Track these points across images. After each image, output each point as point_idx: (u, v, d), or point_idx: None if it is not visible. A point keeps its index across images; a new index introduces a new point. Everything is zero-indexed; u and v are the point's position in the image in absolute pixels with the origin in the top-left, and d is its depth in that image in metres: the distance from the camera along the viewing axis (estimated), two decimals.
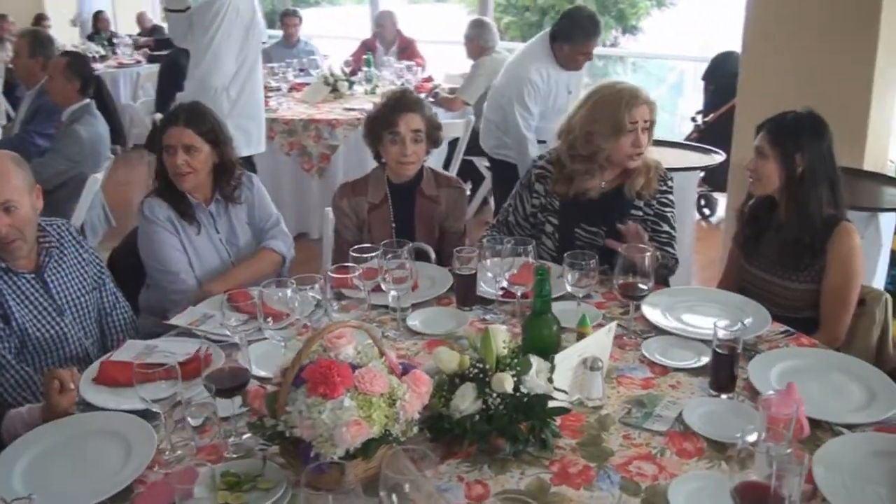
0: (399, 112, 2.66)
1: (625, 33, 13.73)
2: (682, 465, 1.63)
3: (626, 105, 2.53)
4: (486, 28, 5.27)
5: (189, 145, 2.50)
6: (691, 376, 1.96)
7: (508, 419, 1.61)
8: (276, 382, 1.57)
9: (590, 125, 2.56)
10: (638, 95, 2.56)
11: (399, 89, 2.79)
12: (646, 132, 2.56)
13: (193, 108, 2.58)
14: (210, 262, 2.60)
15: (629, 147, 2.54)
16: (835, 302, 2.30)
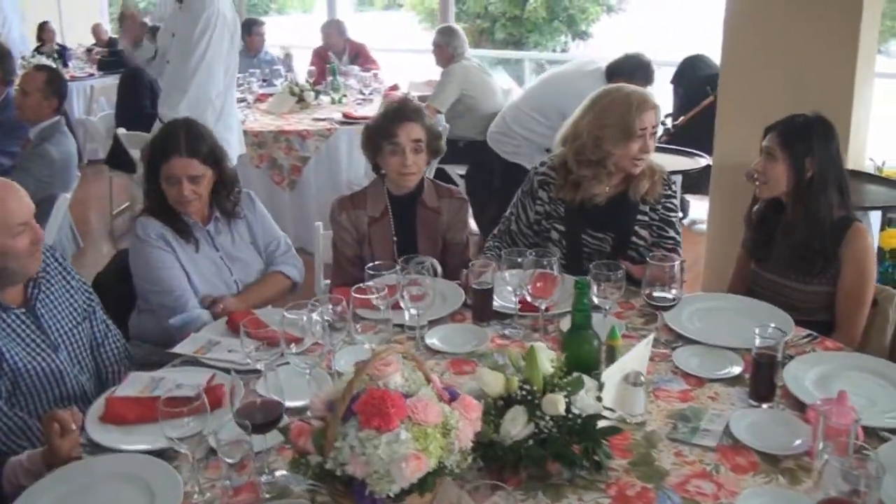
0: (399, 122, 2.57)
1: (574, 39, 13.85)
2: (739, 482, 1.58)
3: (637, 109, 2.49)
4: (455, 35, 5.20)
5: (193, 175, 2.38)
6: (727, 386, 1.92)
7: (563, 442, 1.54)
8: (317, 416, 1.46)
9: (599, 130, 2.50)
10: (647, 100, 2.53)
11: (399, 98, 2.69)
12: (652, 137, 2.52)
13: (191, 132, 2.44)
14: (212, 280, 2.47)
15: (637, 152, 2.50)
16: (851, 303, 2.29)
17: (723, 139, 3.97)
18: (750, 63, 3.80)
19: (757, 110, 3.76)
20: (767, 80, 3.75)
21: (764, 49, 3.76)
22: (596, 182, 2.57)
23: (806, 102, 2.98)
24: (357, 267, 2.68)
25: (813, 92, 3.58)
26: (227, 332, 2.21)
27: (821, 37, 3.57)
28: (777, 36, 3.69)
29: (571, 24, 13.37)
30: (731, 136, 3.92)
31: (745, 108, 3.81)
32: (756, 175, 2.39)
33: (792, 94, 3.65)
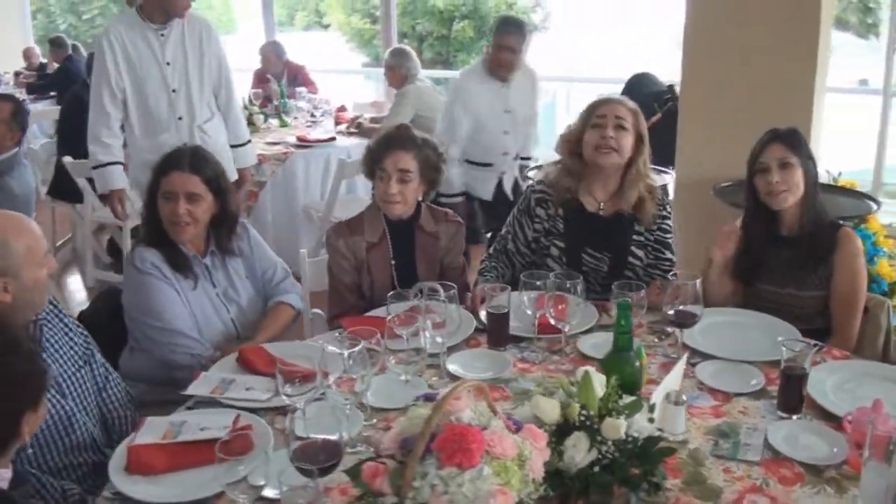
0: (388, 149, 2.55)
1: None
2: (789, 493, 1.61)
3: (599, 102, 2.60)
4: (407, 57, 5.20)
5: (192, 193, 2.29)
6: (753, 400, 1.96)
7: (627, 466, 1.54)
8: (387, 454, 1.42)
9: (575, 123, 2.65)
10: (612, 97, 2.63)
11: (395, 126, 2.66)
12: (619, 130, 2.54)
13: (198, 152, 2.37)
14: (210, 321, 2.38)
15: (598, 139, 2.54)
16: (846, 306, 2.38)
17: (685, 155, 4.09)
18: (710, 79, 3.93)
19: (719, 126, 3.90)
20: (728, 95, 3.87)
21: (724, 65, 3.90)
22: (583, 190, 2.62)
23: (768, 116, 3.09)
24: (355, 294, 2.64)
25: (774, 106, 3.73)
26: (237, 370, 2.13)
27: (780, 52, 3.73)
28: (736, 52, 3.84)
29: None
30: (693, 152, 4.04)
31: (707, 124, 3.94)
32: (773, 189, 2.40)
33: (753, 108, 3.79)
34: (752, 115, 3.71)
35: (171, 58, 3.60)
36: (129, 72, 3.55)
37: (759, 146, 2.46)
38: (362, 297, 2.64)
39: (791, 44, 3.72)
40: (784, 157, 2.39)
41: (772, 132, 2.47)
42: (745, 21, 3.79)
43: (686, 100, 4.09)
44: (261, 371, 2.09)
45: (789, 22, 3.70)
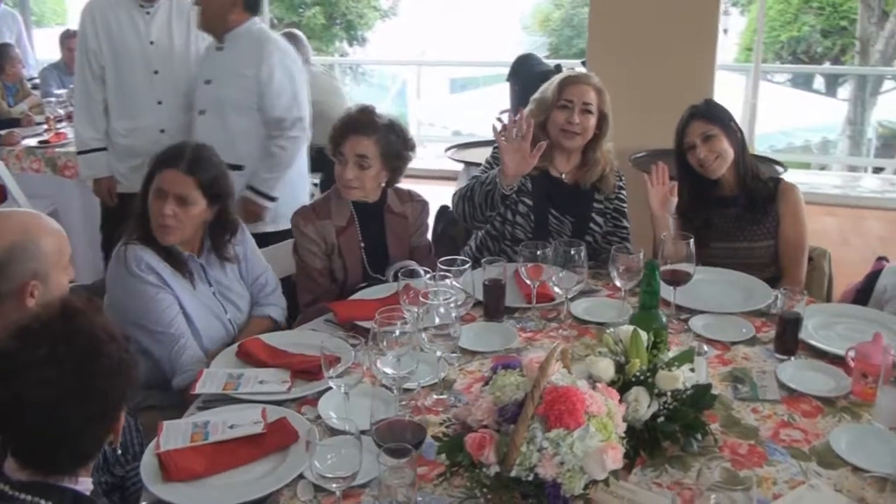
0: (347, 133, 2.49)
1: (352, 44, 13.94)
2: (815, 424, 1.75)
3: (568, 81, 2.67)
4: (299, 42, 5.03)
5: (183, 196, 2.12)
6: (749, 346, 2.10)
7: (688, 413, 1.61)
8: (482, 424, 1.41)
9: (539, 94, 2.73)
10: (577, 77, 2.70)
11: (359, 108, 2.57)
12: (584, 114, 2.63)
13: (200, 152, 2.18)
14: (208, 321, 2.23)
15: (563, 122, 2.62)
16: (794, 251, 2.59)
17: None
18: (615, 58, 4.10)
19: (626, 100, 4.07)
20: (634, 73, 4.07)
21: (628, 45, 4.09)
22: (543, 158, 2.63)
23: (672, 93, 3.30)
24: (327, 278, 2.56)
25: (678, 81, 3.97)
26: (239, 363, 2.02)
27: (681, 32, 3.97)
28: (640, 32, 4.04)
29: (350, 29, 13.43)
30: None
31: (614, 99, 4.11)
32: (711, 160, 2.56)
33: (658, 85, 4.02)
34: (656, 93, 3.95)
35: (155, 37, 3.36)
36: (109, 48, 3.33)
37: (682, 125, 2.62)
38: (334, 281, 2.57)
39: (691, 24, 3.97)
40: (706, 130, 2.56)
41: (690, 110, 2.64)
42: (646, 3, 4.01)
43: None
44: (266, 363, 2.00)
45: (688, 4, 3.94)
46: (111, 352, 1.30)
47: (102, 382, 1.28)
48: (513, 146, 2.45)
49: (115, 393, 1.31)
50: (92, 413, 1.28)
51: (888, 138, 10.21)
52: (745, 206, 2.62)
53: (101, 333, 1.30)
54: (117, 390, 1.31)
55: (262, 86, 3.12)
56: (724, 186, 2.65)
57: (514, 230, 2.70)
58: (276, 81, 3.14)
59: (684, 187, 2.68)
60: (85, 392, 1.26)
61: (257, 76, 3.11)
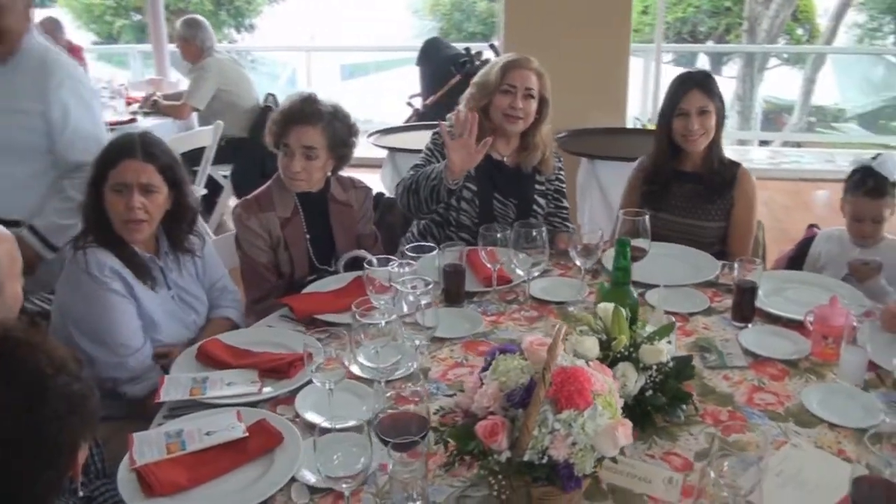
0: (293, 124, 2.40)
1: (241, 31, 13.55)
2: (785, 386, 1.82)
3: (510, 65, 2.64)
4: (202, 27, 4.85)
5: (148, 185, 1.98)
6: (706, 316, 2.16)
7: (674, 385, 1.64)
8: (487, 412, 1.38)
9: (480, 78, 2.70)
10: (519, 61, 2.66)
11: (301, 97, 2.46)
12: (527, 99, 2.63)
13: (149, 138, 2.04)
14: (170, 325, 2.10)
15: (507, 107, 2.62)
16: (744, 233, 2.67)
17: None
18: (533, 43, 4.13)
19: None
20: (549, 56, 4.10)
21: (544, 27, 4.13)
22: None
23: (588, 74, 3.37)
24: (274, 273, 2.47)
25: (594, 70, 4.05)
26: (201, 367, 1.92)
27: (596, 13, 4.05)
28: (555, 15, 4.09)
29: (237, 15, 13.03)
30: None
31: None
32: (690, 134, 2.58)
33: (574, 68, 4.08)
34: (576, 79, 4.01)
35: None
36: None
37: (681, 90, 2.60)
38: (280, 275, 2.48)
39: (605, 4, 4.05)
40: (704, 105, 2.56)
41: (688, 77, 2.63)
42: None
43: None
44: (229, 364, 1.91)
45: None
46: (59, 387, 1.12)
47: (53, 426, 1.11)
48: (458, 143, 2.42)
49: (70, 434, 1.15)
50: (44, 462, 1.12)
51: (772, 112, 10.81)
52: (703, 186, 2.66)
53: (46, 368, 1.12)
54: (72, 430, 1.15)
55: (52, 126, 2.49)
56: (688, 162, 2.69)
57: (458, 216, 2.68)
58: (73, 121, 2.51)
59: (656, 149, 2.72)
60: (33, 441, 1.10)
61: (45, 114, 2.48)
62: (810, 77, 10.62)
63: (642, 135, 4.29)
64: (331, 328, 1.76)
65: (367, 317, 1.70)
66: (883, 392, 1.76)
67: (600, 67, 4.17)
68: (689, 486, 1.48)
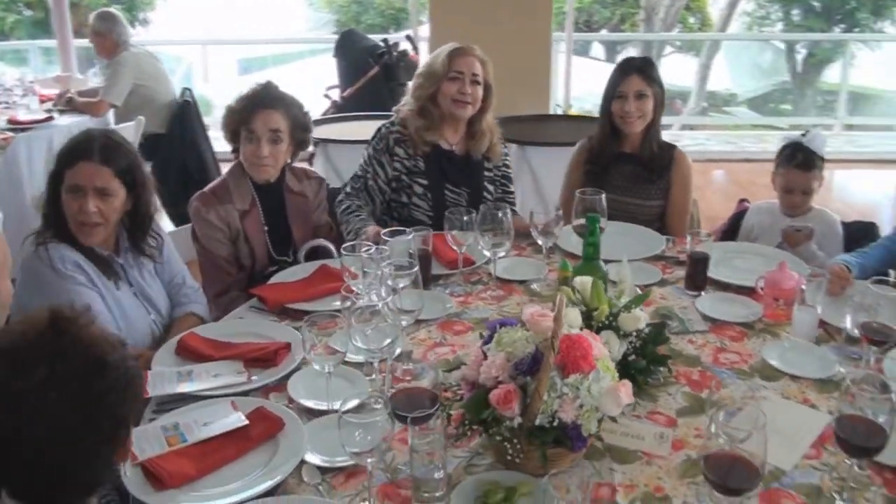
0: (257, 109, 2.40)
1: (135, 26, 13.06)
2: (745, 346, 1.96)
3: (456, 53, 2.70)
4: (117, 21, 4.68)
5: (103, 189, 1.94)
6: (661, 287, 2.29)
7: (652, 349, 1.75)
8: (494, 382, 1.45)
9: (426, 68, 2.75)
10: (464, 48, 2.73)
11: (260, 85, 2.46)
12: (474, 84, 2.70)
13: (109, 139, 1.98)
14: (133, 323, 2.06)
15: (455, 92, 2.67)
16: (681, 211, 2.82)
17: None
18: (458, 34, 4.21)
19: None
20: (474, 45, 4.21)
21: (468, 18, 4.22)
22: (433, 131, 2.71)
23: (515, 67, 3.47)
24: (234, 266, 2.46)
25: (518, 58, 4.16)
26: (182, 361, 1.90)
27: (519, 3, 4.15)
28: (480, 5, 4.18)
29: (131, 9, 12.55)
30: None
31: None
32: (633, 114, 2.70)
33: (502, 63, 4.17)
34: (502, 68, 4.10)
35: None
36: None
37: (621, 74, 2.73)
38: (241, 268, 2.47)
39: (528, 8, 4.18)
40: (641, 89, 2.69)
41: (629, 63, 2.76)
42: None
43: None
44: (212, 356, 1.90)
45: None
46: (117, 362, 1.15)
47: (112, 399, 1.14)
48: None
49: (126, 408, 1.17)
50: (103, 437, 1.14)
51: (668, 98, 11.23)
52: (642, 167, 2.79)
53: (103, 343, 1.15)
54: (128, 405, 1.18)
55: None
56: (627, 143, 2.81)
57: (411, 212, 2.72)
58: None
59: (599, 131, 2.84)
60: (94, 415, 1.12)
61: None
62: (706, 63, 11.14)
63: (568, 121, 4.44)
64: (309, 316, 1.77)
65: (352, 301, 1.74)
66: (833, 345, 1.93)
67: (524, 55, 4.28)
68: (678, 439, 1.59)
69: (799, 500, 1.41)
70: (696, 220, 2.96)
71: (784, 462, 1.49)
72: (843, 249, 2.50)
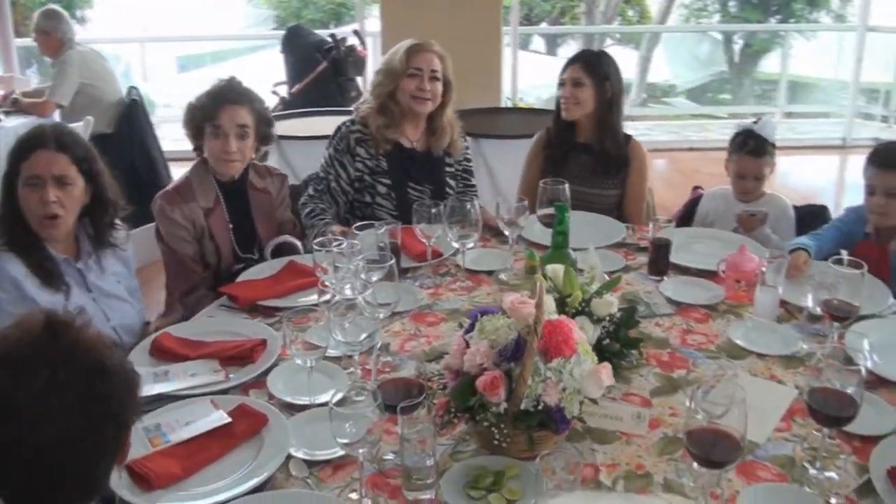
0: (223, 104, 2.37)
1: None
2: (710, 327, 2.03)
3: (414, 50, 2.70)
4: (62, 19, 4.58)
5: (62, 176, 1.89)
6: (625, 273, 2.34)
7: (624, 333, 1.80)
8: (478, 370, 1.48)
9: (385, 65, 2.74)
10: (422, 44, 2.73)
11: (224, 81, 2.43)
12: (433, 81, 2.70)
13: (62, 128, 1.93)
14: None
15: (414, 88, 2.68)
16: (637, 199, 2.89)
17: None
18: (409, 27, 4.22)
19: None
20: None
21: (419, 12, 4.23)
22: (394, 128, 2.71)
23: (466, 61, 3.48)
24: (200, 265, 2.44)
25: (469, 52, 4.18)
26: (156, 362, 1.88)
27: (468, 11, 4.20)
28: (433, 1, 4.20)
29: (69, 7, 12.19)
30: None
31: None
32: (565, 101, 2.78)
33: (451, 49, 4.20)
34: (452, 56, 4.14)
35: None
36: None
37: (566, 63, 2.82)
38: (206, 266, 2.45)
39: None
40: (579, 77, 2.77)
41: (577, 53, 2.84)
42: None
43: (388, 46, 4.36)
44: (187, 356, 1.89)
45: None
46: (116, 366, 1.13)
47: (116, 403, 1.12)
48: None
49: (129, 411, 1.15)
50: (107, 441, 1.12)
51: None
52: (598, 158, 2.85)
53: (101, 346, 1.13)
54: (130, 407, 1.15)
55: None
56: (580, 133, 2.87)
57: (375, 211, 2.72)
58: None
59: (553, 120, 2.90)
60: (97, 420, 1.09)
61: None
62: (646, 56, 11.34)
63: (519, 113, 4.49)
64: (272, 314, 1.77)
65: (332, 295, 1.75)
66: (795, 323, 2.01)
67: (476, 48, 4.31)
68: (653, 418, 1.65)
69: (774, 471, 1.48)
70: (651, 207, 3.03)
71: (757, 435, 1.55)
72: (796, 233, 2.60)
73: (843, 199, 5.57)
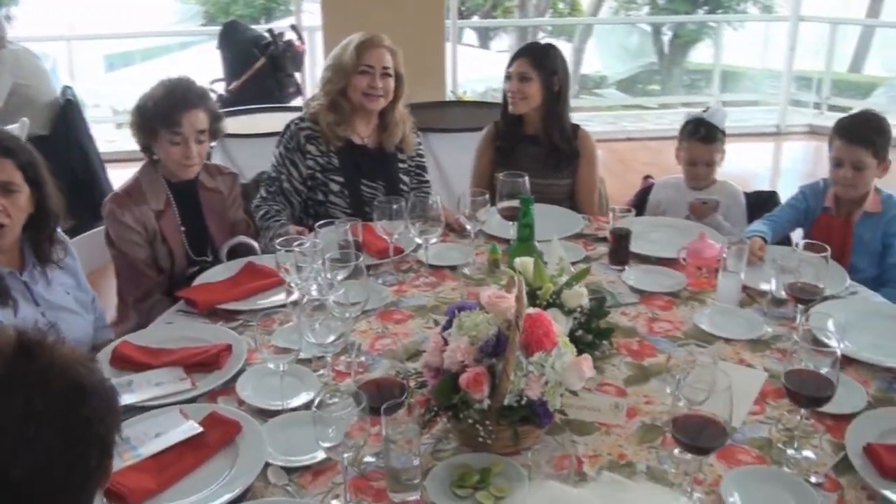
0: (183, 109, 2.29)
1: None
2: (675, 314, 2.06)
3: (364, 46, 2.65)
4: None
5: (7, 183, 1.79)
6: (586, 263, 2.35)
7: (596, 323, 1.81)
8: (459, 367, 1.46)
9: (334, 60, 2.68)
10: (372, 40, 2.67)
11: (175, 83, 2.32)
12: (385, 77, 2.66)
13: (4, 133, 1.84)
14: None
15: (365, 86, 2.64)
16: (589, 188, 2.91)
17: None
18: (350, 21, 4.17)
19: None
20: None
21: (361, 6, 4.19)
22: (345, 125, 2.67)
23: (408, 49, 3.47)
24: (153, 268, 2.36)
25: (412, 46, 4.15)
26: (118, 372, 1.80)
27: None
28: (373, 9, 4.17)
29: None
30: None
31: None
32: (511, 95, 2.78)
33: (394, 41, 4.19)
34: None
35: None
36: None
37: (512, 57, 2.82)
38: (160, 270, 2.36)
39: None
40: (524, 71, 2.77)
41: (524, 46, 2.85)
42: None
43: (331, 40, 4.31)
44: (150, 364, 1.82)
45: None
46: (95, 385, 1.05)
47: (98, 425, 1.03)
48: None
49: (111, 431, 1.07)
50: (91, 466, 1.04)
51: None
52: (547, 150, 2.86)
53: (77, 365, 1.05)
54: (112, 427, 1.08)
55: None
56: (528, 126, 2.87)
57: (329, 210, 2.68)
58: None
59: (501, 112, 2.90)
60: (80, 444, 1.02)
61: None
62: (578, 48, 11.49)
63: (464, 106, 4.49)
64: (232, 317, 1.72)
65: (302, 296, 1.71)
66: (758, 307, 2.05)
67: (418, 43, 4.26)
68: (630, 407, 1.66)
69: (753, 454, 1.50)
70: (604, 197, 3.06)
71: (733, 419, 1.57)
72: (747, 219, 2.66)
73: (778, 183, 5.72)
